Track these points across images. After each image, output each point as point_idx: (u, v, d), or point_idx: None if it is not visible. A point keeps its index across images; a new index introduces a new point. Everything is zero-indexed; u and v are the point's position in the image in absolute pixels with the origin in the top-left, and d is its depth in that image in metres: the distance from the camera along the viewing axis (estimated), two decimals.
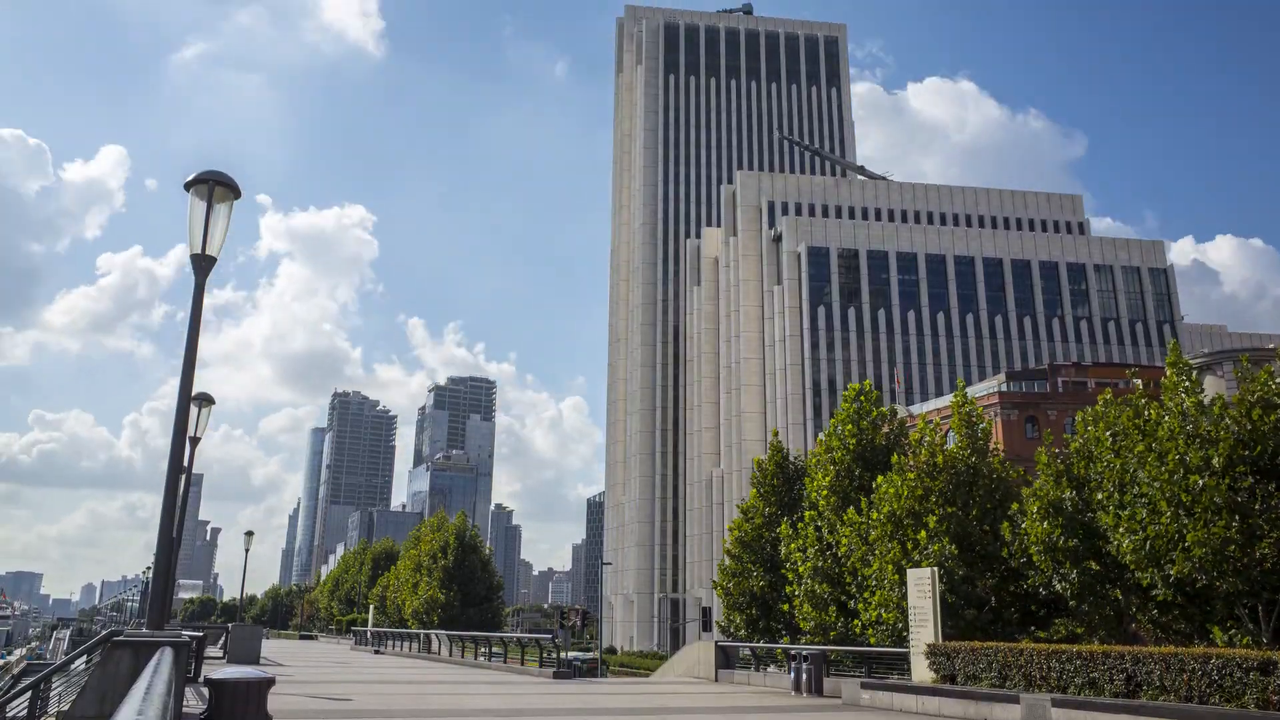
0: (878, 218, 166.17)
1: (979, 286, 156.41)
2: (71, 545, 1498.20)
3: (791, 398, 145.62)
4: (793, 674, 38.07)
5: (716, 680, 45.72)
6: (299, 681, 40.33)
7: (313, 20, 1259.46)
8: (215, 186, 15.61)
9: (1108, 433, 32.90)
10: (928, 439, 40.46)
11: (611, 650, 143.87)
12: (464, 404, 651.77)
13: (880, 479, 40.50)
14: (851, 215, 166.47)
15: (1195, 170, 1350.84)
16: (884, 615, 37.94)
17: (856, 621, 40.96)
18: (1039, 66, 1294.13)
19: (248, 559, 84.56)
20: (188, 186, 15.68)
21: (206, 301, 16.11)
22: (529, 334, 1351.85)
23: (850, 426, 47.33)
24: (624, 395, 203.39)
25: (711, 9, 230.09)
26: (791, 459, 56.61)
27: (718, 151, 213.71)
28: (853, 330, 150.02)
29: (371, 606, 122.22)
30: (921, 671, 31.59)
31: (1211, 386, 65.45)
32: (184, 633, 31.64)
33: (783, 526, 49.79)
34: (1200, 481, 28.23)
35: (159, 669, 11.17)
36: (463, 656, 67.78)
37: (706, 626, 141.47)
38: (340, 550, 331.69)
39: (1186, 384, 31.49)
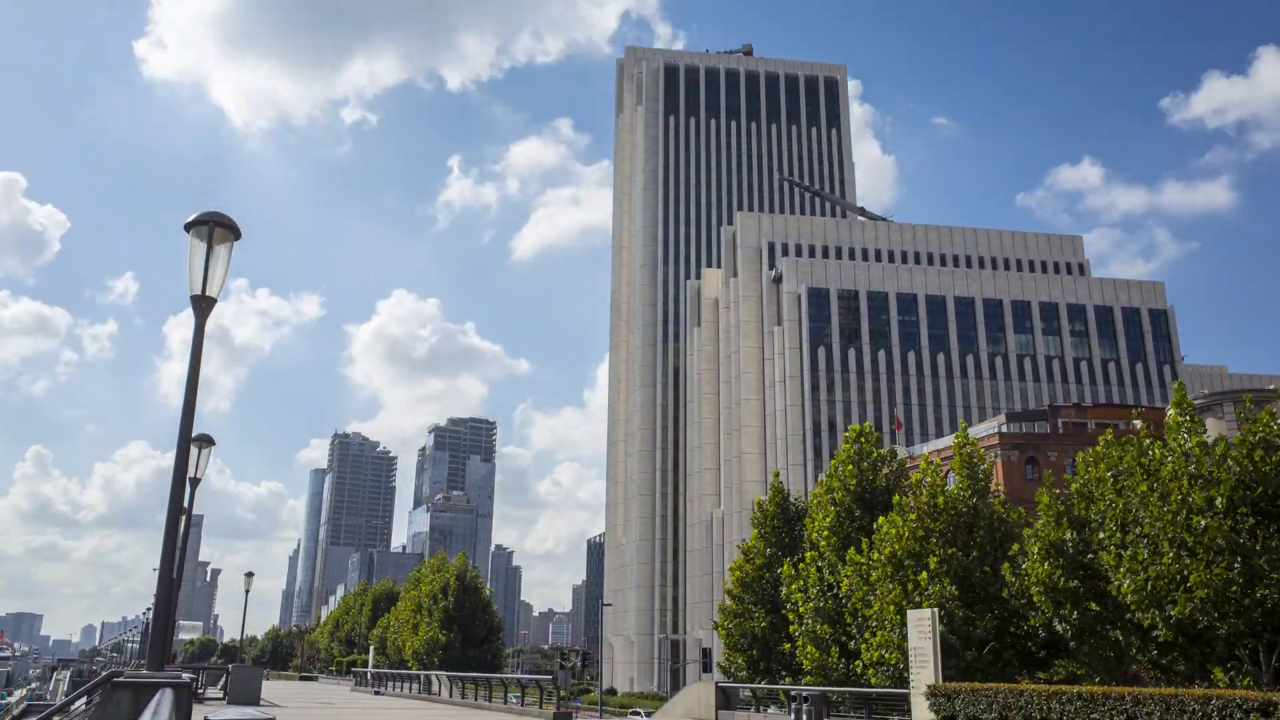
0: (878, 259, 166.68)
1: (979, 327, 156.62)
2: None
3: (792, 439, 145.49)
4: (793, 715, 37.88)
5: None
6: None
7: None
8: (215, 228, 15.73)
9: (1109, 473, 32.92)
10: (929, 480, 40.49)
11: (612, 691, 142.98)
12: (464, 445, 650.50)
13: (881, 520, 40.50)
14: (852, 256, 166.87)
15: None
16: (885, 656, 37.82)
17: (858, 662, 40.82)
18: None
19: (248, 600, 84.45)
20: (188, 228, 15.78)
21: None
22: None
23: (851, 467, 47.41)
24: (624, 436, 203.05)
25: (712, 50, 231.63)
26: (792, 500, 56.66)
27: (718, 192, 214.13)
28: (853, 371, 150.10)
29: (372, 647, 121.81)
30: (922, 712, 31.45)
31: (1213, 428, 65.36)
32: (183, 674, 31.51)
33: (784, 567, 49.65)
34: (1203, 522, 28.23)
35: (159, 710, 11.18)
36: (463, 697, 67.48)
37: (707, 667, 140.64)
38: (341, 591, 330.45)
39: (1189, 424, 31.56)
